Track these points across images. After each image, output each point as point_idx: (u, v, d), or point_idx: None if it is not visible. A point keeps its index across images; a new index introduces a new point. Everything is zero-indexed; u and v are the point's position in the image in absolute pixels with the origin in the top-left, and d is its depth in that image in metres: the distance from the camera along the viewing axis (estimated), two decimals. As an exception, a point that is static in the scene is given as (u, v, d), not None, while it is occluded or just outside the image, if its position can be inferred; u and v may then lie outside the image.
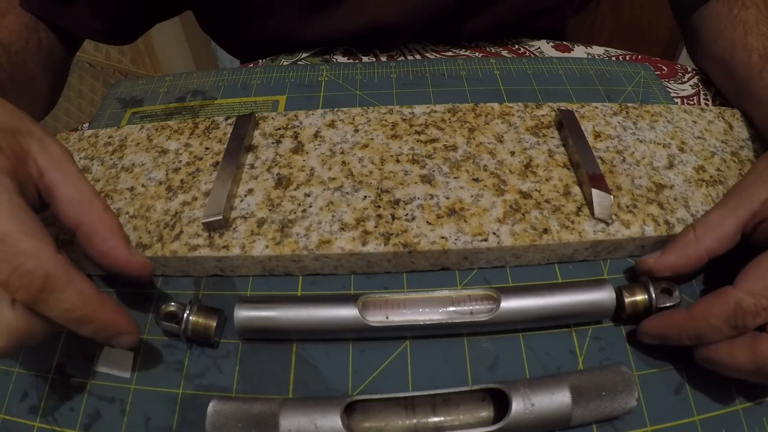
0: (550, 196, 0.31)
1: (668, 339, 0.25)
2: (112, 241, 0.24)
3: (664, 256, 0.27)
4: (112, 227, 0.24)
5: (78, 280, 0.21)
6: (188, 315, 0.26)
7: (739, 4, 0.38)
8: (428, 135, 0.35)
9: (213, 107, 0.40)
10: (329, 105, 0.40)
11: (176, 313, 0.26)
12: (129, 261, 0.24)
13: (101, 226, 0.24)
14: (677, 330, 0.25)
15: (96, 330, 0.22)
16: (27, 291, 0.19)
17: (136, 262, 0.24)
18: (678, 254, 0.27)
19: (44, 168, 0.23)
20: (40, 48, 0.39)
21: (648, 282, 0.27)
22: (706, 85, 0.43)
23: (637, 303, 0.27)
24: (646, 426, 0.25)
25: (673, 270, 0.27)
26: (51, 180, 0.24)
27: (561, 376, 0.24)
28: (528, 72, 0.43)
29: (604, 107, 0.37)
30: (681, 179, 0.32)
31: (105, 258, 0.24)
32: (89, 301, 0.21)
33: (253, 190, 0.31)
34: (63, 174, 0.24)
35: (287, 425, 0.23)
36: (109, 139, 0.35)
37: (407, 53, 0.47)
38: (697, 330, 0.24)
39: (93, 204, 0.24)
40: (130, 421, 0.25)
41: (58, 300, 0.20)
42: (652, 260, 0.27)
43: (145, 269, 0.25)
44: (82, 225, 0.24)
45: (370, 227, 0.29)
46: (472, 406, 0.24)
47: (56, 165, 0.24)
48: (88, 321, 0.21)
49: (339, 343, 0.27)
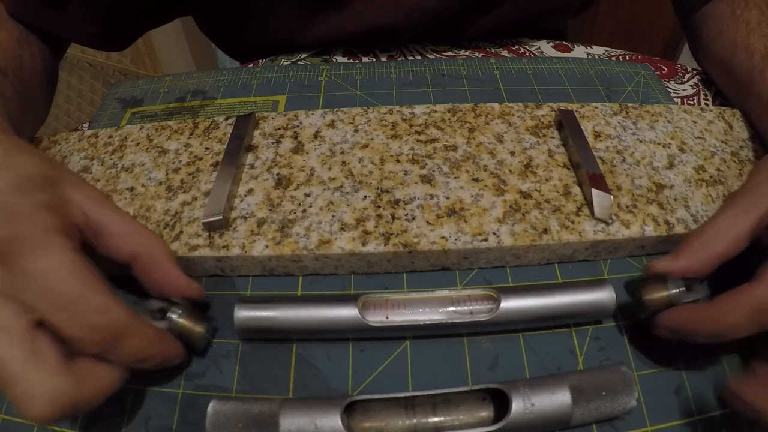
0: (550, 196, 0.31)
1: (686, 334, 0.24)
2: (170, 269, 0.25)
3: (675, 261, 0.26)
4: (167, 254, 0.25)
5: (143, 325, 0.22)
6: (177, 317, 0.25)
7: (742, 5, 0.38)
8: (428, 135, 0.35)
9: (213, 107, 0.40)
10: (329, 105, 0.40)
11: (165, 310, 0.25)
12: (189, 287, 0.25)
13: (158, 255, 0.25)
14: (696, 325, 0.24)
15: (156, 364, 0.23)
16: (101, 343, 0.21)
17: (194, 289, 0.26)
18: (689, 259, 0.26)
19: (89, 211, 0.24)
20: (34, 62, 0.38)
21: (667, 278, 0.26)
22: (706, 85, 0.43)
23: (655, 300, 0.26)
24: (646, 426, 0.25)
25: (684, 274, 0.26)
26: (98, 221, 0.24)
27: (561, 376, 0.24)
28: (528, 72, 0.43)
29: (604, 107, 0.37)
30: (681, 179, 0.32)
31: (165, 285, 0.25)
32: (153, 342, 0.23)
33: (253, 190, 0.31)
34: (108, 213, 0.24)
35: (287, 425, 0.23)
36: (109, 139, 0.35)
37: (407, 53, 0.47)
38: (717, 326, 0.23)
39: (144, 235, 0.25)
40: (130, 421, 0.25)
41: (127, 345, 0.21)
42: (662, 265, 0.26)
43: (202, 294, 0.26)
44: (141, 256, 0.25)
45: (370, 227, 0.29)
46: (472, 406, 0.24)
47: (100, 206, 0.24)
48: (151, 358, 0.23)
49: (339, 343, 0.27)
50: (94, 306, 0.20)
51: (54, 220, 0.21)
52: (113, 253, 0.24)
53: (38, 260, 0.20)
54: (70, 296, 0.20)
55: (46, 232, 0.21)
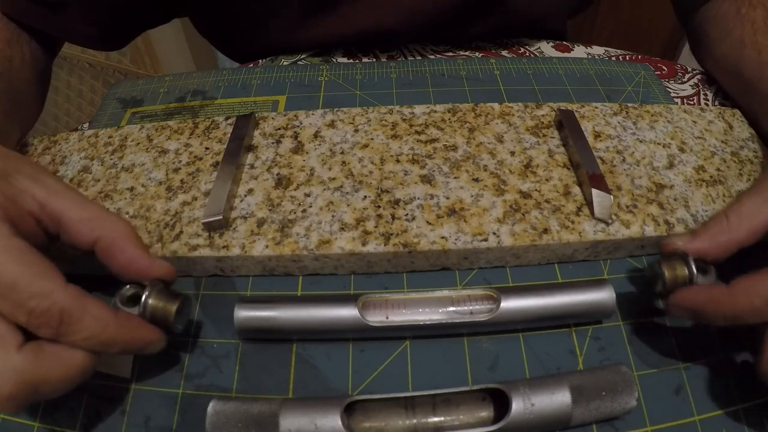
0: (550, 196, 0.31)
1: (702, 315, 0.24)
2: (130, 250, 0.24)
3: (695, 241, 0.26)
4: (128, 236, 0.24)
5: (93, 307, 0.21)
6: (146, 298, 0.24)
7: (747, 4, 0.38)
8: (428, 135, 0.35)
9: (213, 107, 0.40)
10: (329, 105, 0.40)
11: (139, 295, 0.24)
12: (150, 267, 0.24)
13: (117, 237, 0.24)
14: (715, 306, 0.23)
15: (123, 349, 0.22)
16: (47, 327, 0.20)
17: (159, 267, 0.25)
18: (710, 241, 0.26)
19: (44, 200, 0.23)
20: (24, 63, 0.37)
21: (688, 257, 0.25)
22: (706, 85, 0.43)
23: (677, 277, 0.25)
24: (646, 426, 0.25)
25: (701, 255, 0.26)
26: (54, 208, 0.23)
27: (561, 376, 0.24)
28: (528, 72, 0.43)
29: (604, 107, 0.37)
30: (681, 179, 0.32)
31: (127, 268, 0.24)
32: (108, 325, 0.21)
33: (253, 190, 0.31)
34: (64, 199, 0.24)
35: (287, 425, 0.23)
36: (109, 139, 0.35)
37: (407, 53, 0.47)
38: (735, 309, 0.23)
39: (103, 218, 0.24)
40: (130, 421, 0.25)
41: (78, 330, 0.21)
42: (682, 243, 0.26)
43: (170, 273, 0.25)
44: (99, 240, 0.24)
45: (370, 227, 0.29)
46: (472, 406, 0.24)
47: (55, 193, 0.24)
48: (112, 343, 0.22)
49: (339, 343, 0.27)
50: (32, 291, 0.20)
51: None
52: (75, 239, 0.24)
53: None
54: (7, 283, 0.20)
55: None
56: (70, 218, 0.24)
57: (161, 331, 0.24)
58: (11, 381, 0.19)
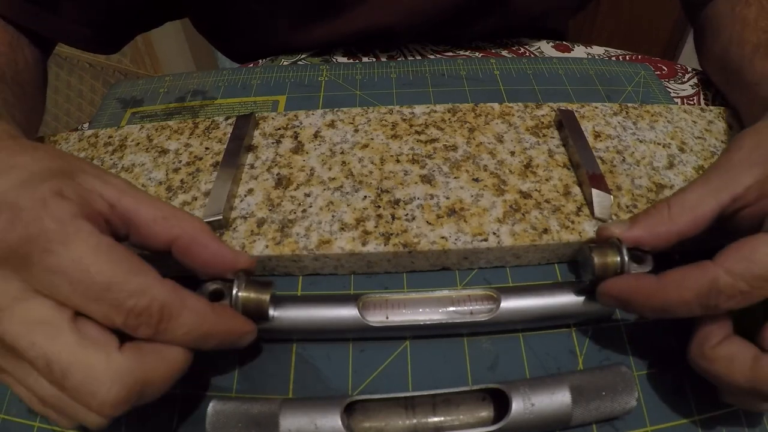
0: (550, 196, 0.31)
1: (630, 305, 0.23)
2: (214, 245, 0.23)
3: (633, 229, 0.25)
4: (207, 232, 0.23)
5: (192, 300, 0.21)
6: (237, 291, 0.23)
7: (742, 2, 0.38)
8: (428, 135, 0.35)
9: (213, 107, 0.40)
10: (329, 105, 0.40)
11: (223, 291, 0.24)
12: (237, 260, 0.23)
13: (198, 234, 0.23)
14: (643, 297, 0.23)
15: (219, 342, 0.22)
16: (147, 326, 0.19)
17: (244, 259, 0.24)
18: (648, 230, 0.25)
19: (113, 199, 0.22)
20: (28, 66, 0.37)
21: (620, 244, 0.25)
22: (706, 85, 0.43)
23: (607, 265, 0.24)
24: (646, 426, 0.25)
25: (637, 244, 0.25)
26: (126, 208, 0.22)
27: (561, 376, 0.24)
28: (528, 72, 0.43)
29: (604, 107, 0.37)
30: (681, 179, 0.32)
31: (212, 263, 0.23)
32: (206, 317, 0.21)
33: (253, 190, 0.31)
34: (135, 198, 0.22)
35: (287, 425, 0.23)
36: (109, 139, 0.35)
37: (407, 53, 0.47)
38: (665, 301, 0.22)
39: (178, 216, 0.23)
40: (130, 421, 0.25)
41: (177, 326, 0.20)
42: (618, 231, 0.25)
43: (253, 263, 0.24)
44: (178, 239, 0.23)
45: (370, 227, 0.29)
46: (472, 406, 0.24)
47: (124, 192, 0.22)
48: (209, 337, 0.21)
49: (339, 343, 0.27)
50: (129, 290, 0.19)
51: (72, 207, 0.20)
52: (149, 240, 0.23)
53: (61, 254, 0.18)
54: (102, 285, 0.19)
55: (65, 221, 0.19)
56: (144, 218, 0.22)
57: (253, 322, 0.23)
58: (119, 383, 0.18)
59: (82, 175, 0.22)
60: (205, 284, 0.24)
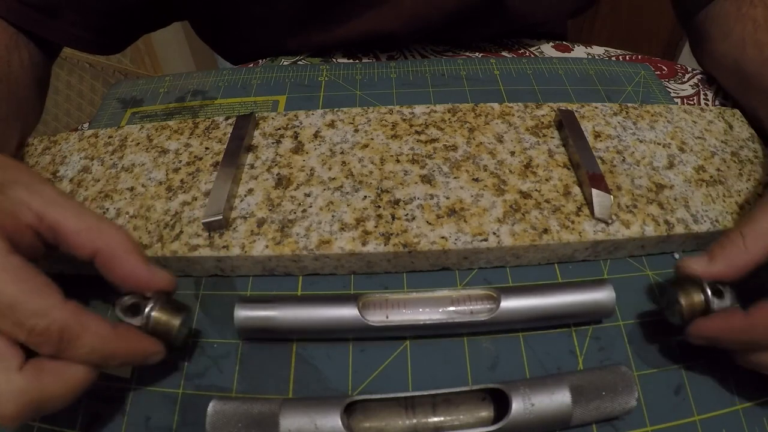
0: (550, 196, 0.31)
1: (720, 343, 0.24)
2: (130, 261, 0.24)
3: (713, 265, 0.25)
4: (127, 247, 0.24)
5: (92, 323, 0.21)
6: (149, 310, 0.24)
7: (747, 3, 0.38)
8: (428, 135, 0.35)
9: (213, 107, 0.40)
10: (329, 105, 0.40)
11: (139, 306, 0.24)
12: (151, 279, 0.24)
13: (117, 249, 0.24)
14: (733, 335, 0.23)
15: (122, 362, 0.22)
16: (48, 344, 0.20)
17: (160, 278, 0.24)
18: (729, 264, 0.25)
19: (40, 211, 0.23)
20: (23, 67, 0.37)
21: (703, 282, 0.25)
22: (706, 85, 0.43)
23: (694, 306, 0.25)
24: (646, 426, 0.25)
25: (720, 279, 0.25)
26: (52, 219, 0.23)
27: (561, 376, 0.24)
28: (528, 72, 0.43)
29: (604, 107, 0.37)
30: (681, 179, 0.32)
31: (127, 280, 0.24)
32: (107, 339, 0.22)
33: (253, 190, 0.31)
34: (62, 209, 0.23)
35: (287, 425, 0.23)
36: (109, 139, 0.35)
37: (407, 53, 0.47)
38: (754, 338, 0.23)
39: (102, 229, 0.24)
40: (130, 421, 0.25)
41: (78, 346, 0.21)
42: (700, 268, 0.25)
43: (171, 284, 0.25)
44: (99, 252, 0.23)
45: (370, 227, 0.29)
46: (472, 406, 0.24)
47: (52, 203, 0.23)
48: (112, 357, 0.22)
49: (339, 343, 0.27)
50: (30, 310, 0.20)
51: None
52: (74, 251, 0.24)
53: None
54: (5, 303, 0.20)
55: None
56: (68, 229, 0.23)
57: (161, 343, 0.24)
58: (14, 401, 0.19)
59: (14, 186, 0.23)
60: (125, 297, 0.24)
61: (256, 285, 0.30)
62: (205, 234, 0.29)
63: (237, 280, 0.30)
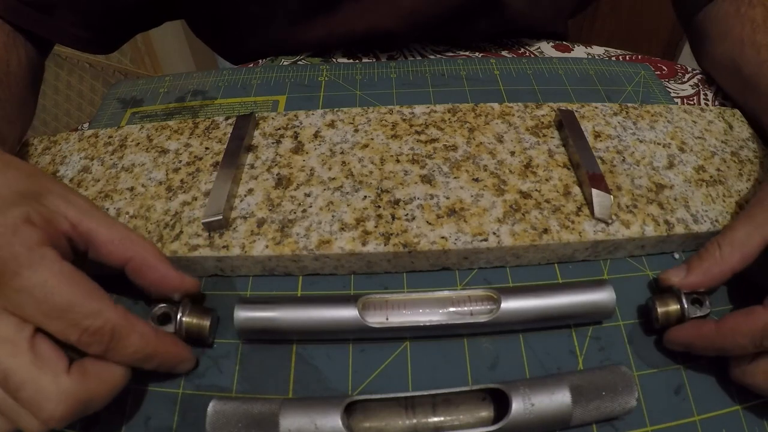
0: (550, 196, 0.31)
1: (694, 348, 0.26)
2: (162, 268, 0.26)
3: (690, 277, 0.27)
4: (156, 255, 0.26)
5: (139, 324, 0.23)
6: (181, 316, 0.26)
7: (746, 3, 0.38)
8: (428, 135, 0.35)
9: (213, 107, 0.40)
10: (329, 105, 0.40)
11: (169, 315, 0.26)
12: (182, 282, 0.26)
13: (148, 256, 0.25)
14: (704, 342, 0.25)
15: (159, 363, 0.24)
16: (99, 344, 0.22)
17: (189, 282, 0.26)
18: (705, 274, 0.27)
19: (76, 220, 0.24)
20: (21, 66, 0.37)
21: (680, 292, 0.27)
22: (706, 85, 0.43)
23: (669, 313, 0.27)
24: (646, 426, 0.25)
25: (696, 289, 0.27)
26: (86, 229, 0.24)
27: (561, 376, 0.24)
28: (528, 72, 0.43)
29: (604, 107, 0.37)
30: (681, 179, 0.32)
31: (160, 284, 0.26)
32: (151, 340, 0.23)
33: (253, 190, 0.31)
34: (95, 220, 0.25)
35: (287, 425, 0.23)
36: (109, 139, 0.35)
37: (407, 53, 0.47)
38: (722, 345, 0.24)
39: (132, 239, 0.25)
40: (130, 421, 0.25)
41: (125, 345, 0.22)
42: (678, 279, 0.27)
43: (197, 286, 0.27)
44: (131, 260, 0.25)
45: (370, 227, 0.29)
46: (472, 406, 0.24)
47: (86, 214, 0.25)
48: (152, 357, 0.24)
49: (339, 344, 0.27)
50: (86, 311, 0.21)
51: (38, 235, 0.22)
52: (105, 259, 0.25)
53: (29, 277, 0.21)
54: (62, 305, 0.21)
55: (32, 247, 0.21)
56: (102, 239, 0.25)
57: (192, 350, 0.26)
58: (64, 403, 0.21)
59: (49, 196, 0.24)
60: (156, 306, 0.26)
61: (256, 285, 0.30)
62: (205, 234, 0.29)
63: (237, 280, 0.30)
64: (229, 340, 0.28)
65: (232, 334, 0.28)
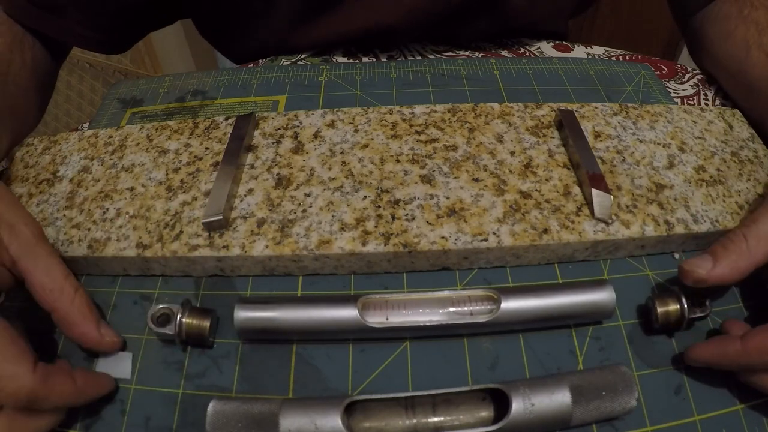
0: (550, 196, 0.31)
1: (717, 366, 0.25)
2: (83, 326, 0.26)
3: (717, 269, 0.25)
4: (82, 312, 0.26)
5: (58, 385, 0.23)
6: (181, 318, 0.26)
7: (749, 5, 0.38)
8: (428, 135, 0.35)
9: (213, 107, 0.40)
10: (329, 105, 0.40)
11: (169, 316, 0.26)
12: (100, 342, 0.26)
13: (72, 313, 0.26)
14: (729, 361, 0.24)
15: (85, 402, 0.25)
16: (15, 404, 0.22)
17: (107, 342, 0.26)
18: (732, 268, 0.25)
19: (16, 256, 0.25)
20: (24, 68, 0.37)
21: (680, 292, 0.26)
22: (706, 85, 0.43)
23: (669, 313, 0.26)
24: (646, 426, 0.25)
25: (723, 282, 0.26)
26: (23, 268, 0.25)
27: (561, 376, 0.24)
28: (528, 72, 0.43)
29: (604, 107, 0.37)
30: (681, 179, 0.32)
31: (79, 340, 0.26)
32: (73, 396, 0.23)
33: (253, 190, 0.31)
34: (34, 261, 0.26)
35: (287, 425, 0.23)
36: (109, 139, 0.35)
37: (407, 53, 0.47)
38: (749, 362, 0.24)
39: (64, 292, 0.26)
40: (130, 421, 0.25)
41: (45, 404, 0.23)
42: (704, 272, 0.26)
43: (115, 345, 0.27)
44: (56, 311, 0.26)
45: (370, 227, 0.29)
46: (472, 406, 0.24)
47: (27, 251, 0.25)
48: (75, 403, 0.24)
49: (339, 344, 0.27)
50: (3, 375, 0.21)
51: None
52: (36, 300, 0.26)
53: None
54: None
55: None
56: (35, 282, 0.25)
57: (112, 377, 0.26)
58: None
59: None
60: (156, 308, 0.27)
61: (256, 285, 0.30)
62: (205, 234, 0.29)
63: (237, 280, 0.30)
64: (229, 340, 0.28)
65: (232, 334, 0.28)
